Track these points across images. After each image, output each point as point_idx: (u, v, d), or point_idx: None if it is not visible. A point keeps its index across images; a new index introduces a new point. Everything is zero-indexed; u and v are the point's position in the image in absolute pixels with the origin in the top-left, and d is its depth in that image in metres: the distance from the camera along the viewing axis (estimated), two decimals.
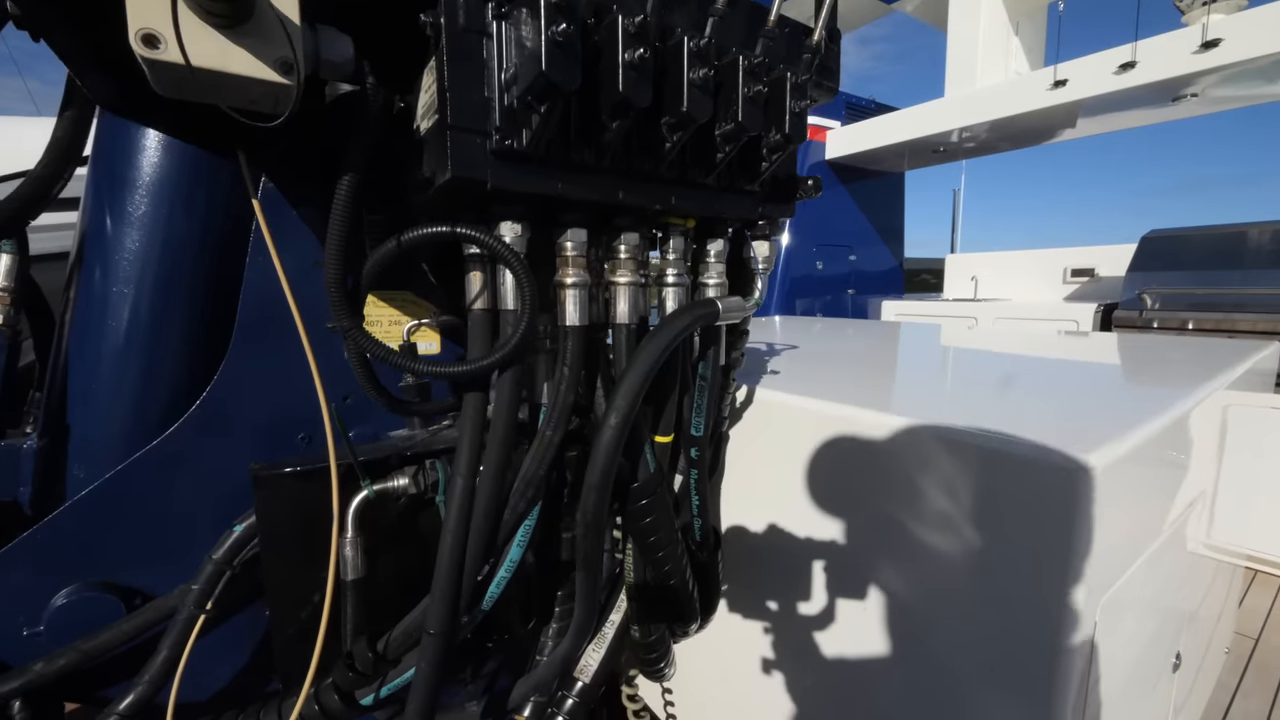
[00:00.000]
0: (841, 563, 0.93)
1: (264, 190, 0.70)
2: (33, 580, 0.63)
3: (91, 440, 0.71)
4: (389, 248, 0.47)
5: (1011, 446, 0.70)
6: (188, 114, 0.55)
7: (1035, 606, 0.71)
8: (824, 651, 0.94)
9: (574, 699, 0.68)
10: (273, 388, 0.73)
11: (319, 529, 0.61)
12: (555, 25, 0.35)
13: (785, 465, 1.05)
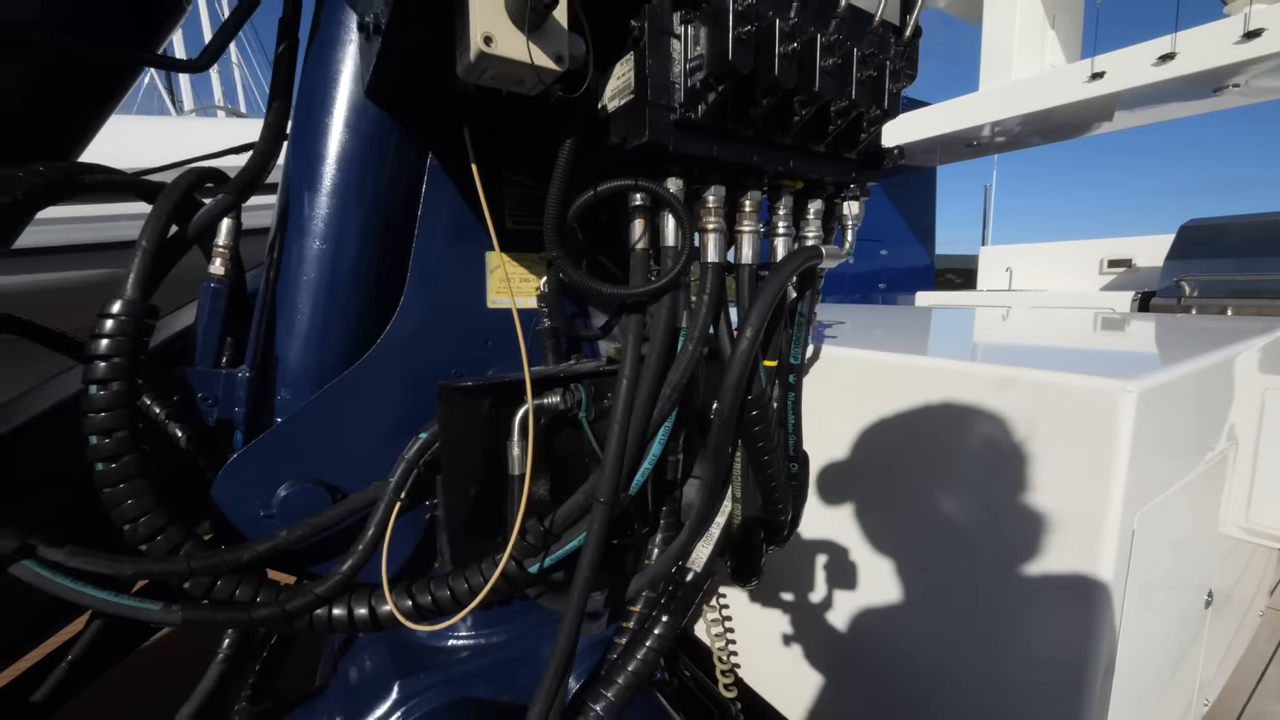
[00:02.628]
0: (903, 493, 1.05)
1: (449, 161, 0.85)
2: (263, 475, 0.79)
3: (292, 369, 0.88)
4: (588, 197, 0.62)
5: (1063, 379, 0.82)
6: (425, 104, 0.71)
7: (1080, 510, 0.82)
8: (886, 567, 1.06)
9: (685, 588, 0.82)
10: (435, 328, 0.89)
11: (483, 436, 0.77)
12: (740, 27, 0.49)
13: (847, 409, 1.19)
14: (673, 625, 0.82)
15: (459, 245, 0.90)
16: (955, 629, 1.12)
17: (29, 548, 0.59)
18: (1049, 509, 0.88)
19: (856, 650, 1.32)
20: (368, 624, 0.73)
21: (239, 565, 0.70)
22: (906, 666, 1.21)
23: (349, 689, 1.00)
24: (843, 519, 1.18)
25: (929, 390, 1.11)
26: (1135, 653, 0.99)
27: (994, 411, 0.99)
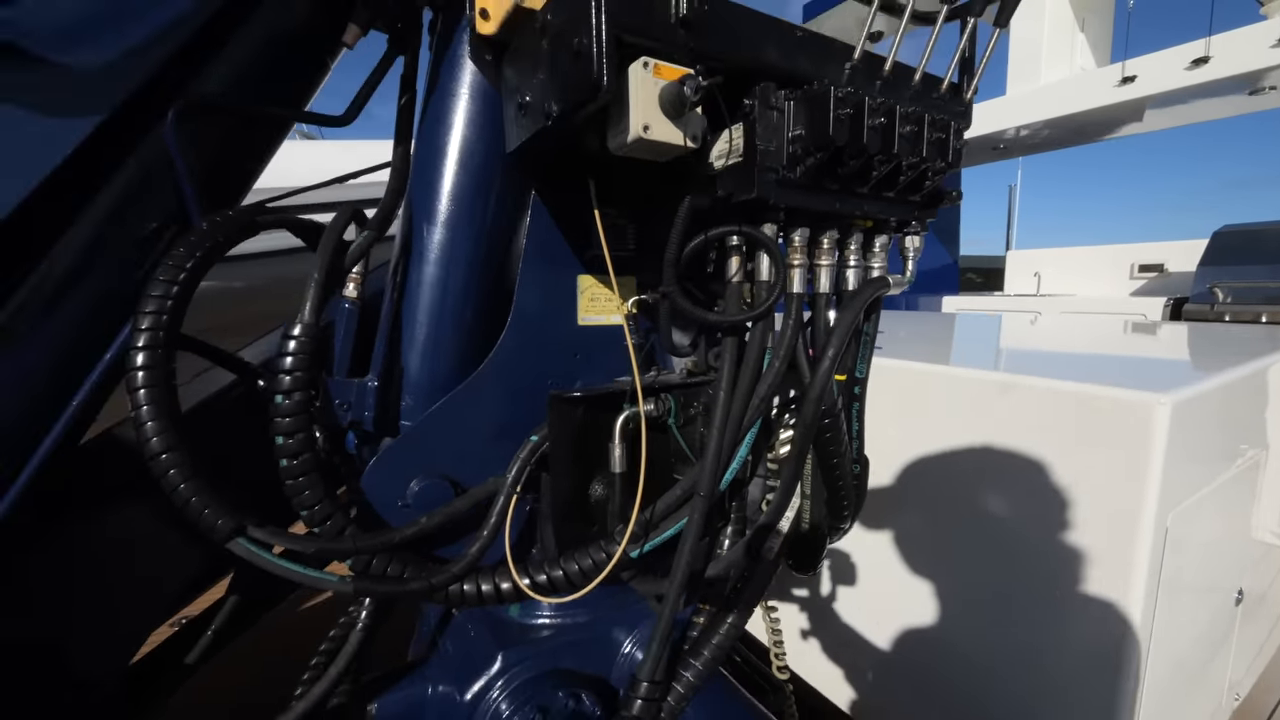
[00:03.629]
0: (944, 494, 1.15)
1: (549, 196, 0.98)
2: (399, 472, 0.92)
3: (413, 379, 1.01)
4: (699, 240, 0.74)
5: (1099, 391, 0.91)
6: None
7: (1116, 510, 0.91)
8: (927, 563, 1.16)
9: (758, 573, 0.93)
10: (534, 345, 1.02)
11: (586, 438, 0.89)
12: (840, 109, 0.60)
13: (893, 416, 1.30)
14: (749, 605, 0.93)
15: (556, 270, 1.02)
16: (993, 622, 1.22)
17: (242, 528, 0.73)
18: (1086, 508, 0.97)
19: (898, 640, 1.42)
20: (494, 597, 0.86)
21: (391, 545, 0.83)
22: (945, 655, 1.31)
23: (453, 660, 1.13)
24: (888, 518, 1.28)
25: (968, 398, 1.21)
26: (1167, 647, 1.07)
27: (1031, 419, 1.09)
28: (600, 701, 1.06)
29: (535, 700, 1.01)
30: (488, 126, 1.00)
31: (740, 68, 0.63)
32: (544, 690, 1.03)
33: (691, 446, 0.94)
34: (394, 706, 1.07)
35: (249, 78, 0.85)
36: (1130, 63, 4.23)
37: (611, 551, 0.84)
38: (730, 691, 1.13)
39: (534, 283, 1.00)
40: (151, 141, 0.78)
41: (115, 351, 0.79)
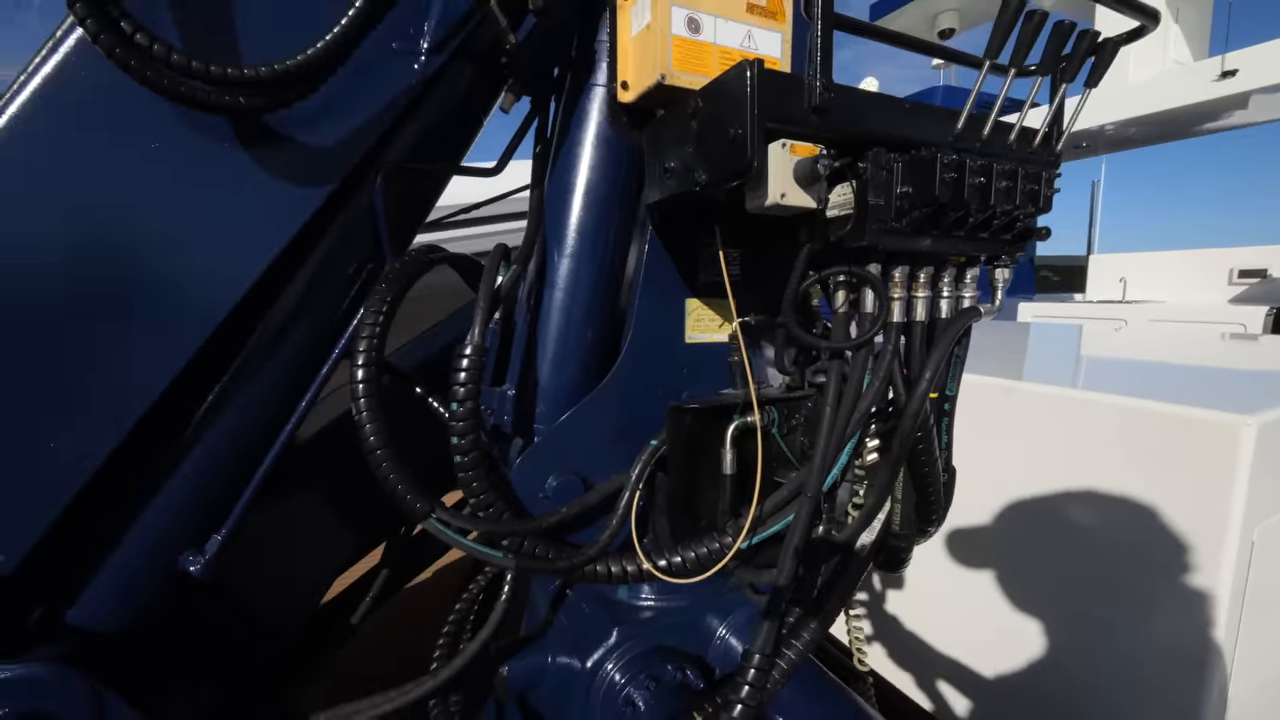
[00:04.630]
0: (1033, 505, 1.22)
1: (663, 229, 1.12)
2: (540, 469, 1.09)
3: (544, 388, 1.17)
4: (812, 279, 0.86)
5: (1186, 412, 0.96)
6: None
7: (1203, 526, 0.96)
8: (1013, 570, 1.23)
9: (852, 568, 1.04)
10: (649, 361, 1.16)
11: (700, 444, 1.02)
12: (946, 173, 0.71)
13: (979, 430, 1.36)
14: (843, 598, 1.04)
15: (668, 295, 1.16)
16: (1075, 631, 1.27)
17: (432, 510, 0.91)
18: (1173, 522, 1.02)
19: (976, 642, 1.48)
20: (622, 577, 1.01)
21: (539, 530, 1.00)
22: (1025, 660, 1.37)
23: (568, 633, 1.29)
24: (973, 527, 1.35)
25: (1055, 416, 1.27)
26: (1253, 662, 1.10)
27: (1114, 435, 1.14)
28: (702, 676, 1.20)
29: (647, 671, 1.15)
30: (609, 172, 1.16)
31: (857, 138, 0.75)
32: (654, 663, 1.17)
33: (793, 453, 1.06)
34: (521, 669, 1.24)
35: (427, 140, 1.03)
36: (1231, 55, 4.00)
37: (725, 543, 0.97)
38: (820, 673, 1.24)
39: (650, 307, 1.15)
40: (358, 199, 0.97)
41: (330, 366, 0.99)
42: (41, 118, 0.70)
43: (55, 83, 0.70)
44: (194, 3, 0.76)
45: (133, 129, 0.74)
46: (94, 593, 0.88)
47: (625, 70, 0.94)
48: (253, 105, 0.76)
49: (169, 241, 0.80)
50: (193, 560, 0.92)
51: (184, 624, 1.01)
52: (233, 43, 0.79)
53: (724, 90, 0.69)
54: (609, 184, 1.17)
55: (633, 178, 1.18)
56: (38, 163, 0.71)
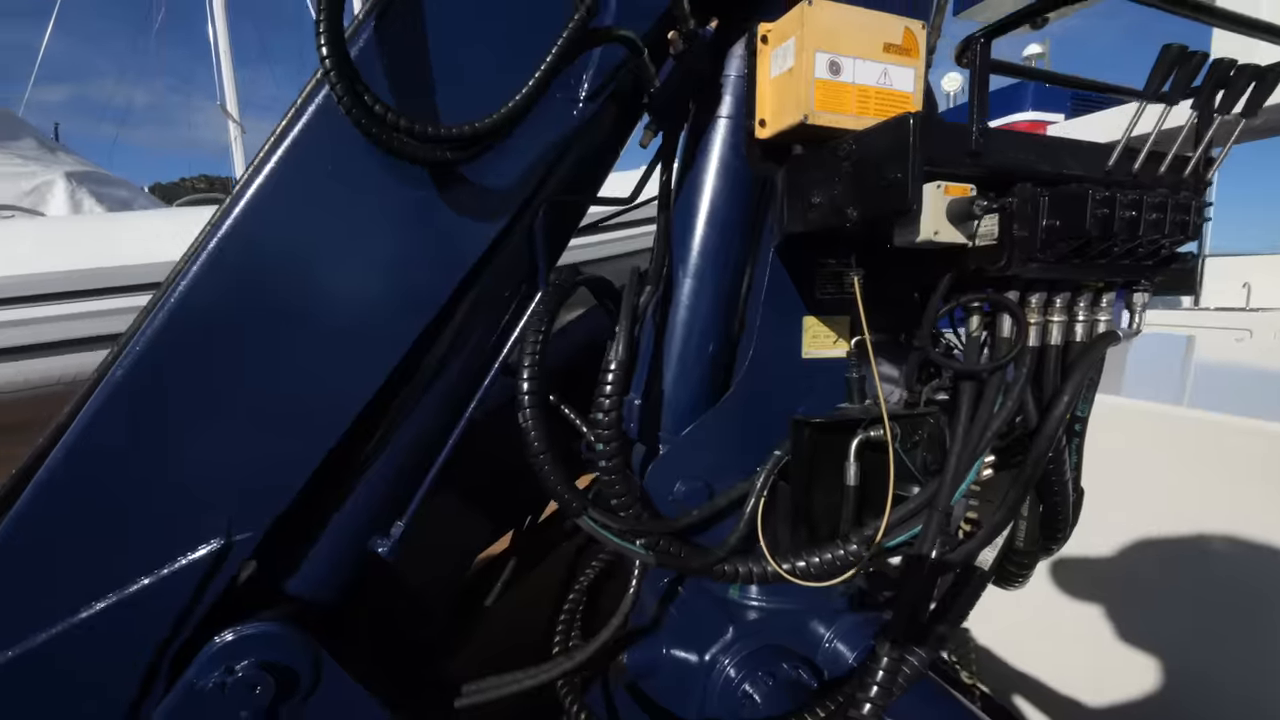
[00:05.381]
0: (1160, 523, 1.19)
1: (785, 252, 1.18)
2: (669, 474, 1.18)
3: (668, 399, 1.26)
4: (950, 305, 0.91)
5: None
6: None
7: None
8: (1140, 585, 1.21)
9: (975, 581, 1.07)
10: (769, 375, 1.23)
11: (822, 457, 1.08)
12: (1098, 209, 0.75)
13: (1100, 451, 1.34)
14: (965, 608, 1.08)
15: (788, 314, 1.23)
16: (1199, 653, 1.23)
17: (585, 508, 1.02)
18: None
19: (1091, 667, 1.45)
20: (749, 577, 1.08)
21: (673, 530, 1.09)
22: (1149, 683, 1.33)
23: (681, 627, 1.38)
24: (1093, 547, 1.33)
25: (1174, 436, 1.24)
26: None
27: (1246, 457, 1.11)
28: (814, 677, 1.25)
29: (764, 668, 1.22)
30: (733, 198, 1.24)
31: (1005, 174, 0.79)
32: (770, 660, 1.24)
33: (915, 467, 1.10)
34: (639, 658, 1.34)
35: (576, 174, 1.15)
36: None
37: (851, 551, 1.03)
38: (935, 683, 1.27)
39: (770, 324, 1.22)
40: (518, 230, 1.09)
41: (493, 376, 1.12)
42: (297, 166, 0.87)
43: (306, 140, 0.86)
44: (404, 74, 0.90)
45: (361, 177, 0.89)
46: (308, 566, 1.05)
47: (763, 109, 1.02)
48: (456, 158, 0.89)
49: (379, 270, 0.94)
50: (381, 543, 1.07)
51: (365, 597, 1.17)
52: (433, 104, 0.93)
53: (882, 138, 0.76)
54: (732, 209, 1.25)
55: (754, 203, 1.25)
56: (295, 202, 0.87)
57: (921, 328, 0.90)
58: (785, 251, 1.20)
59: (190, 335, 0.87)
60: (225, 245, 0.87)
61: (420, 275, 0.96)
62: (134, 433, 0.88)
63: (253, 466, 0.93)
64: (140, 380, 0.87)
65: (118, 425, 0.88)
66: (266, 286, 0.89)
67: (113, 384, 0.86)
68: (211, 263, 0.87)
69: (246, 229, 0.88)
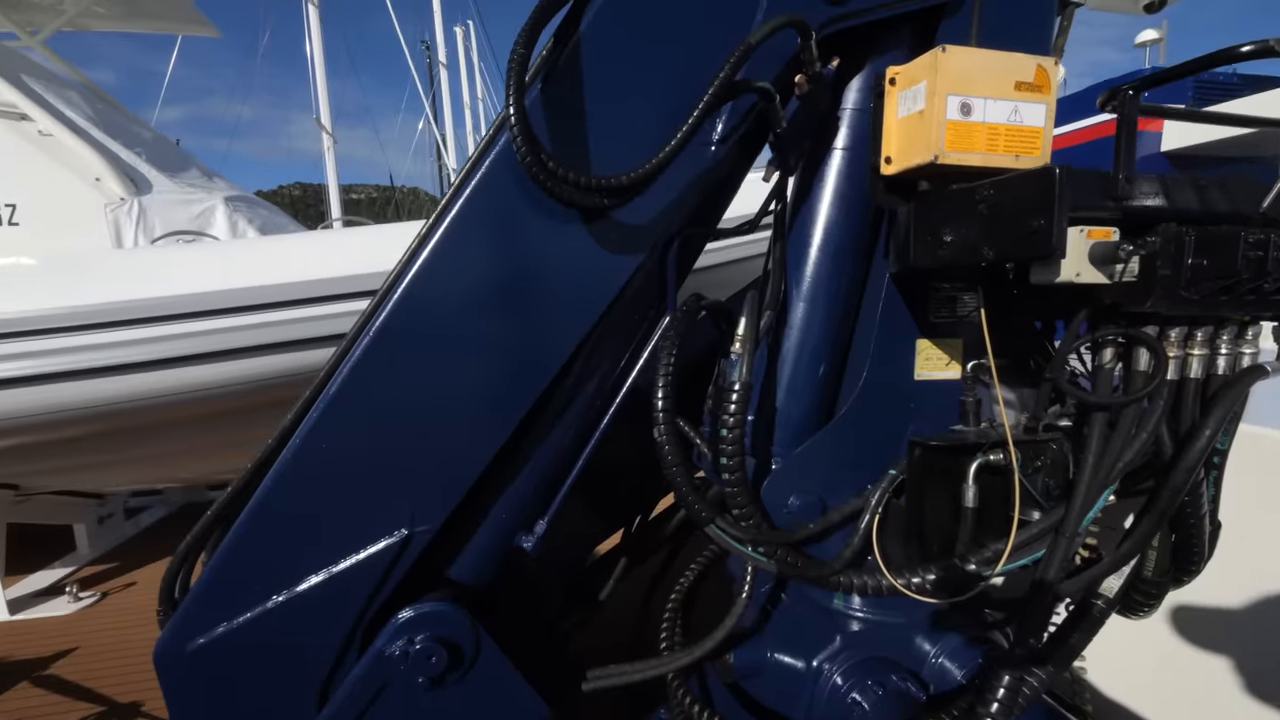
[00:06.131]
0: None
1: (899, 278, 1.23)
2: (784, 488, 1.25)
3: (781, 416, 1.33)
4: (1084, 338, 0.93)
5: None
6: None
7: None
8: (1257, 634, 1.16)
9: (1100, 607, 1.08)
10: (881, 395, 1.27)
11: (939, 478, 1.12)
12: (1250, 251, 0.76)
13: None
14: (1087, 634, 1.08)
15: (902, 336, 1.27)
16: None
17: (714, 517, 1.11)
18: None
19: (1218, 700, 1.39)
20: (864, 589, 1.14)
21: (791, 541, 1.16)
22: None
23: (785, 633, 1.44)
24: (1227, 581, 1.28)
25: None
26: None
27: None
28: (922, 690, 1.29)
29: (872, 677, 1.27)
30: (847, 226, 1.30)
31: (1149, 216, 0.81)
32: (878, 671, 1.29)
33: (1037, 492, 1.12)
34: (744, 658, 1.41)
35: (703, 208, 1.24)
36: None
37: (970, 570, 1.06)
38: (1054, 709, 1.27)
39: (884, 347, 1.27)
40: (653, 261, 1.19)
41: (625, 393, 1.24)
42: (480, 207, 1.03)
43: (487, 188, 1.01)
44: (565, 126, 1.03)
45: (531, 218, 1.03)
46: (466, 556, 1.20)
47: (889, 147, 1.07)
48: (612, 204, 1.01)
49: (542, 295, 1.08)
50: (526, 539, 1.21)
51: (506, 585, 1.31)
52: (588, 153, 1.05)
53: (1025, 186, 0.80)
54: (845, 236, 1.30)
55: (867, 231, 1.30)
56: (477, 238, 1.03)
57: (1054, 358, 0.93)
58: (900, 277, 1.25)
59: (391, 351, 1.04)
60: (417, 279, 1.03)
61: (573, 301, 1.09)
62: (343, 436, 1.05)
63: (434, 468, 1.09)
64: (350, 392, 1.04)
65: (330, 431, 1.05)
66: (452, 308, 1.05)
67: (327, 398, 1.04)
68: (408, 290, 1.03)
69: (437, 262, 1.03)
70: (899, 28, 1.21)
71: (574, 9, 1.03)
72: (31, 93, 3.13)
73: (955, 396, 1.31)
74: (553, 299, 1.07)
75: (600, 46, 1.04)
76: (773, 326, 1.34)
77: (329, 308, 2.50)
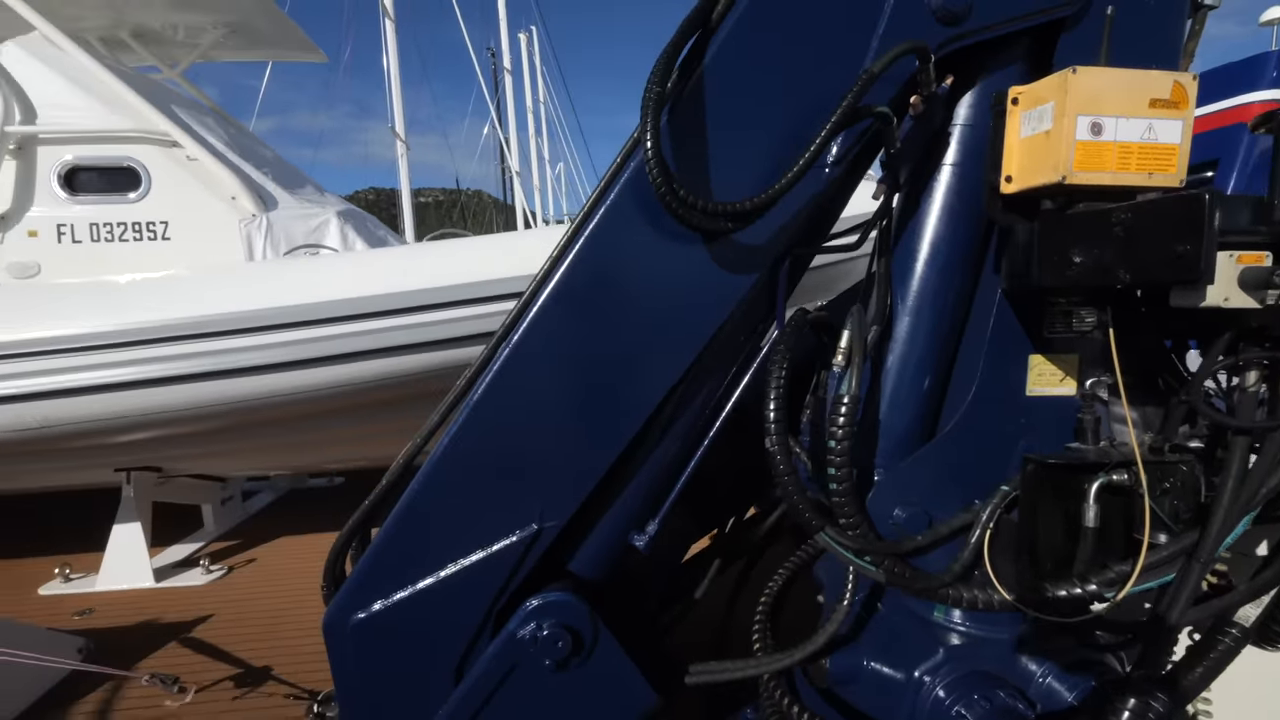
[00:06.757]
0: None
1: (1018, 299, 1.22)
2: (889, 500, 1.27)
3: (885, 428, 1.35)
4: (1226, 361, 0.91)
5: None
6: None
7: None
8: None
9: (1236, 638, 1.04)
10: (991, 411, 1.27)
11: (1057, 496, 1.11)
12: None
13: None
14: (1220, 662, 1.05)
15: (1014, 350, 1.27)
16: None
17: (824, 525, 1.15)
18: None
19: None
20: (974, 603, 1.15)
21: (900, 552, 1.19)
22: None
23: (881, 642, 1.45)
24: None
25: None
26: None
27: None
28: (1030, 708, 1.27)
29: (978, 692, 1.27)
30: (955, 240, 1.30)
31: None
32: (984, 686, 1.28)
33: (1164, 514, 1.09)
34: (841, 665, 1.44)
35: (812, 226, 1.28)
36: None
37: (1090, 591, 1.05)
38: None
39: (995, 361, 1.26)
40: (763, 278, 1.24)
41: (730, 407, 1.30)
42: (610, 231, 1.12)
43: (616, 213, 1.11)
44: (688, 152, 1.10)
45: (657, 241, 1.12)
46: (585, 551, 1.30)
47: (1009, 166, 1.08)
48: (737, 227, 1.07)
49: (668, 309, 1.16)
50: (639, 537, 1.29)
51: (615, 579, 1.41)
52: (708, 178, 1.12)
53: (1169, 211, 0.80)
54: (953, 251, 1.31)
55: (977, 246, 1.30)
56: (608, 259, 1.12)
57: (1192, 379, 0.92)
58: (1013, 293, 1.24)
59: (527, 364, 1.15)
60: (550, 300, 1.14)
61: (693, 317, 1.16)
62: (484, 440, 1.18)
63: (563, 469, 1.19)
64: (491, 401, 1.16)
65: (472, 435, 1.18)
66: (582, 327, 1.15)
67: (470, 405, 1.16)
68: (543, 308, 1.13)
69: (568, 284, 1.13)
70: (1014, 42, 1.20)
71: (697, 43, 1.11)
72: (180, 121, 3.55)
73: (1069, 413, 1.29)
74: (675, 315, 1.15)
75: (723, 79, 1.11)
76: (878, 340, 1.37)
77: (429, 316, 2.75)
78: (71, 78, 3.54)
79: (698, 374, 1.27)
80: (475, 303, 2.71)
